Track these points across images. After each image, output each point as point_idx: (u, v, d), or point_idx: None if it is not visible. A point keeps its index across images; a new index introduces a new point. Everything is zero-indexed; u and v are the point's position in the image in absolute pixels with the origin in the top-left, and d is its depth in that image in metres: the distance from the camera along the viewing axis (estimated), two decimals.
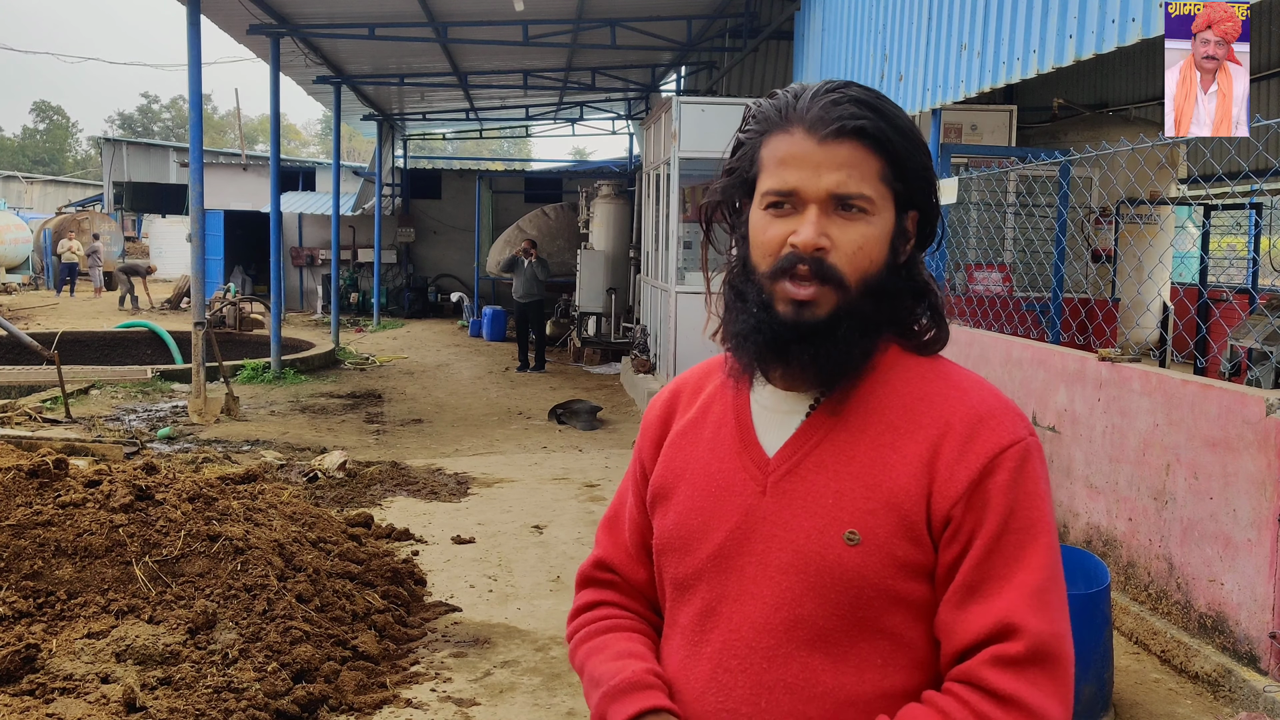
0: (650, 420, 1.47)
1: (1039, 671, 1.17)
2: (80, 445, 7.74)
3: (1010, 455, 1.22)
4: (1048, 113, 12.84)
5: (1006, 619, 1.17)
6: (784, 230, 1.24)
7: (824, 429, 1.28)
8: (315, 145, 78.55)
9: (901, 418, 1.26)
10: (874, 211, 1.24)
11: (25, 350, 10.83)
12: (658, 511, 1.39)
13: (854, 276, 1.23)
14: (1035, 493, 1.22)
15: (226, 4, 11.82)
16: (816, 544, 1.23)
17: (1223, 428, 4.32)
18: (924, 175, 1.29)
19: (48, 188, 49.01)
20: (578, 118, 24.81)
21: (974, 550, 1.20)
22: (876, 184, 1.24)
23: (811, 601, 1.23)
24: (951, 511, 1.21)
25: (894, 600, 1.22)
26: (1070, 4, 5.37)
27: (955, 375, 1.31)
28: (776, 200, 1.25)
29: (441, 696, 4.12)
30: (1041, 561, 1.20)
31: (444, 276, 24.62)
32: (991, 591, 1.19)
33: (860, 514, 1.23)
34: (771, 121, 1.28)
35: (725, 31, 14.95)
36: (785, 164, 1.24)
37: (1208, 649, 4.34)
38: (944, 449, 1.23)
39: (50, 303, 24.41)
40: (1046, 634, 1.17)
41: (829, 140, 1.23)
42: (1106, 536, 5.16)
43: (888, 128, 1.24)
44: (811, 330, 1.23)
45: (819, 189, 1.22)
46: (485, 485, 7.68)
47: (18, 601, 4.01)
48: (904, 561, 1.22)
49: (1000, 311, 7.74)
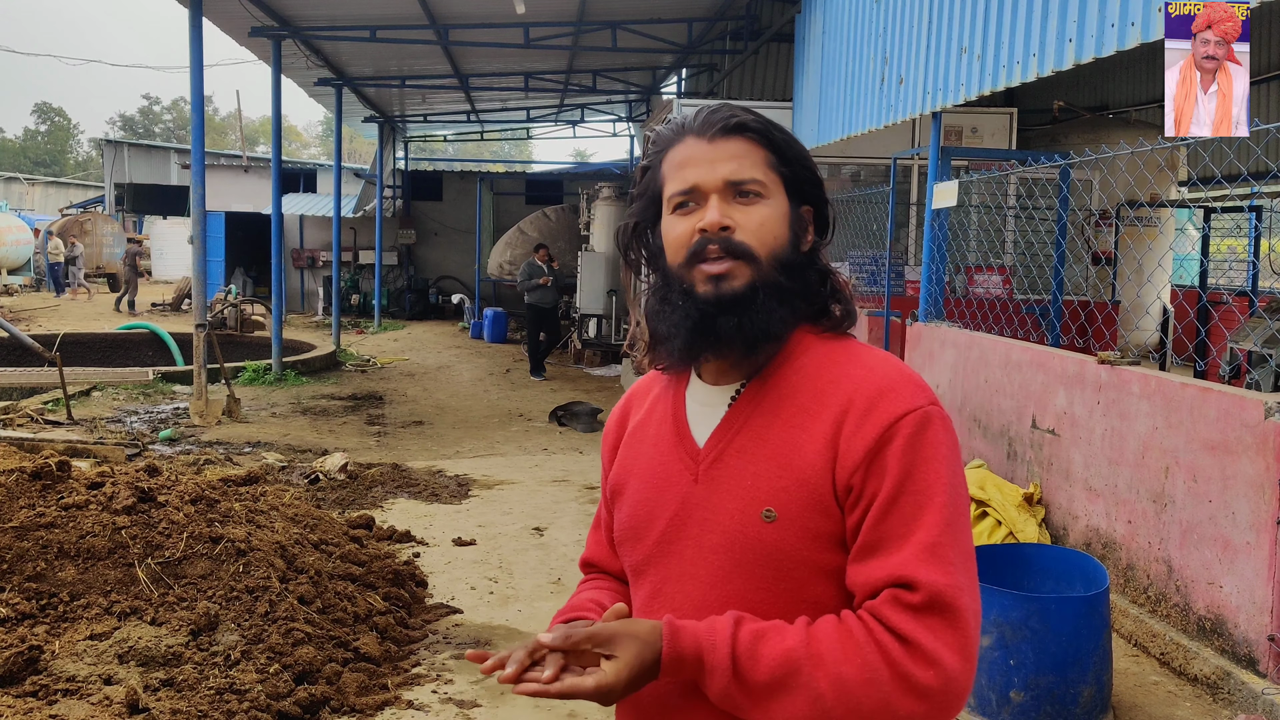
0: (609, 428, 1.61)
1: (937, 619, 1.22)
2: (82, 447, 7.76)
3: (906, 422, 1.28)
4: (1048, 115, 12.85)
5: (902, 572, 1.23)
6: (691, 223, 1.37)
7: (744, 416, 1.38)
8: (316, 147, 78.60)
9: (811, 399, 1.35)
10: (768, 195, 1.37)
11: (27, 352, 10.85)
12: (616, 506, 1.51)
13: (762, 251, 1.35)
14: (933, 457, 1.28)
15: (228, 6, 11.84)
16: (739, 523, 1.33)
17: (1222, 431, 4.33)
18: (805, 163, 1.42)
19: (49, 189, 49.03)
20: (579, 120, 24.81)
21: (872, 512, 1.27)
22: (766, 170, 1.38)
23: (739, 578, 1.33)
24: (852, 480, 1.28)
25: (814, 571, 1.31)
26: (1070, 8, 5.39)
27: (863, 354, 1.39)
28: (682, 200, 1.38)
29: (443, 698, 4.14)
30: (937, 520, 1.25)
31: (445, 278, 24.64)
32: (890, 549, 1.25)
33: (775, 492, 1.31)
34: (668, 140, 1.44)
35: (726, 34, 14.97)
36: (684, 166, 1.39)
37: (1207, 651, 4.35)
38: (846, 422, 1.30)
39: (51, 304, 24.44)
40: (942, 584, 1.22)
41: (718, 138, 1.38)
42: (1106, 539, 5.17)
43: (766, 123, 1.40)
44: (733, 301, 1.33)
45: (715, 179, 1.36)
46: (486, 487, 7.69)
47: (21, 603, 4.02)
48: (817, 533, 1.30)
49: (1000, 314, 7.75)
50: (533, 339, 14.26)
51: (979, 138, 10.25)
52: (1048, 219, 9.05)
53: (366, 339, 18.64)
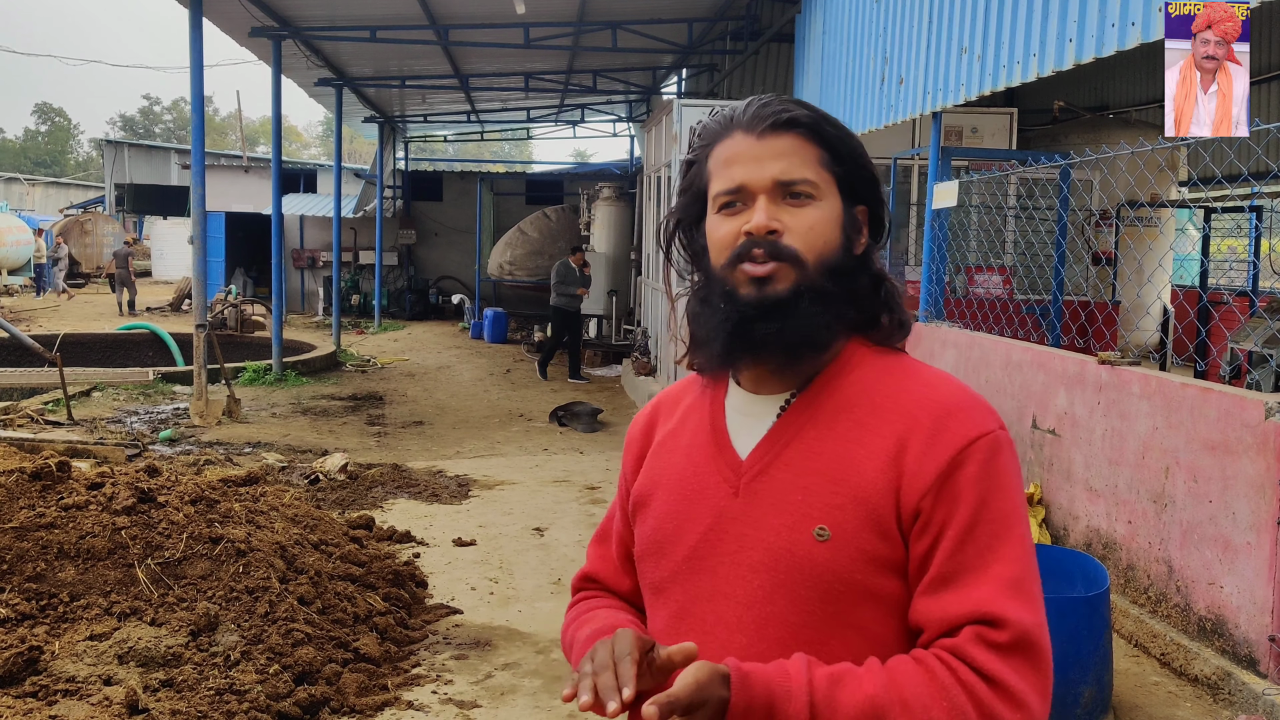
0: (633, 436, 1.52)
1: (1022, 660, 1.17)
2: (82, 447, 7.76)
3: (979, 447, 1.23)
4: (1048, 115, 12.84)
5: (987, 608, 1.17)
6: (737, 224, 1.29)
7: (794, 428, 1.30)
8: (316, 147, 78.61)
9: (868, 414, 1.28)
10: (820, 196, 1.29)
11: (27, 352, 10.85)
12: (638, 519, 1.42)
13: (810, 255, 1.27)
14: (1007, 485, 1.23)
15: (228, 7, 11.85)
16: (786, 541, 1.25)
17: (1222, 431, 4.33)
18: (860, 160, 1.34)
19: (49, 189, 49.05)
20: (579, 120, 24.83)
21: (946, 541, 1.21)
22: (818, 169, 1.30)
23: (782, 599, 1.25)
24: (920, 504, 1.22)
25: (864, 595, 1.23)
26: (1070, 8, 5.39)
27: (923, 372, 1.32)
28: (728, 200, 1.31)
29: (443, 699, 4.14)
30: (1017, 553, 1.21)
31: (445, 278, 24.64)
32: (968, 581, 1.19)
33: (828, 509, 1.24)
34: (715, 134, 1.35)
35: (726, 34, 14.97)
36: (731, 163, 1.31)
37: (1207, 652, 4.35)
38: (911, 442, 1.24)
39: (52, 305, 24.44)
40: (1029, 623, 1.18)
41: (767, 134, 1.30)
42: (1106, 539, 5.17)
43: (819, 118, 1.32)
44: (775, 305, 1.26)
45: (764, 178, 1.28)
46: (486, 487, 7.69)
47: (20, 603, 4.02)
48: (872, 556, 1.23)
49: (1000, 314, 7.75)
50: (556, 341, 13.97)
51: (979, 138, 10.24)
52: (1048, 219, 9.05)
53: (367, 339, 18.63)
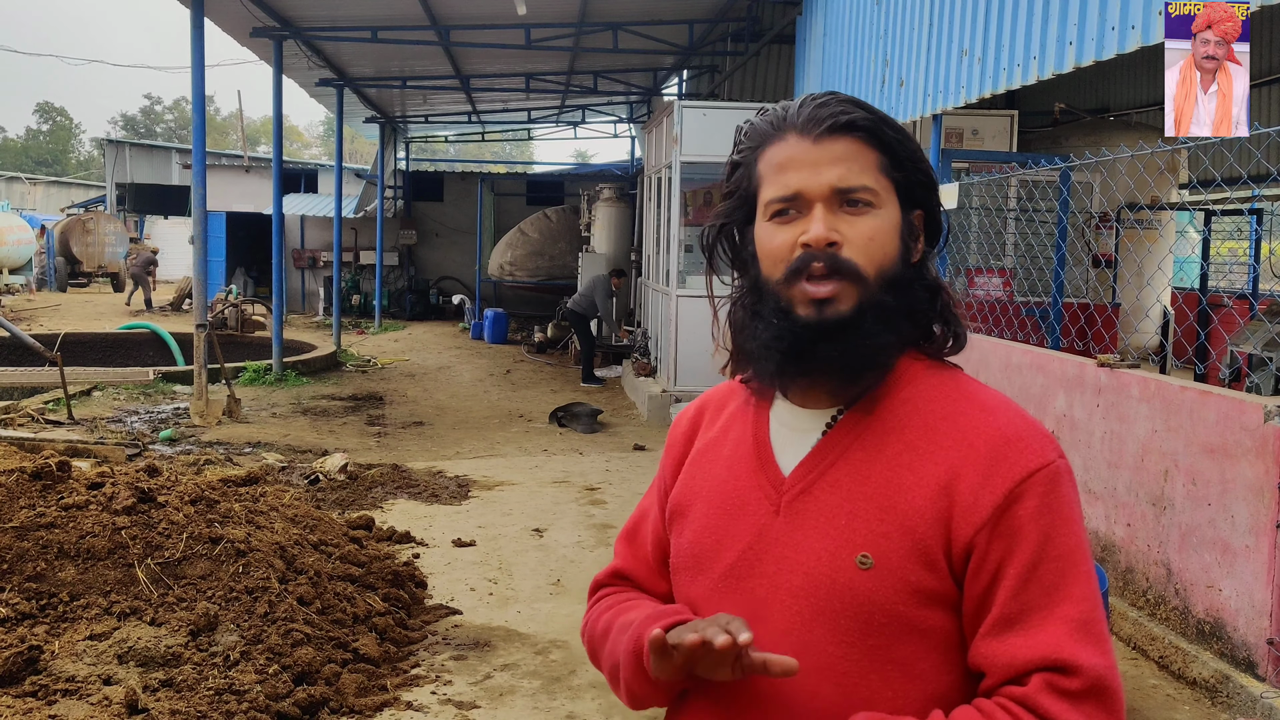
0: (675, 437, 1.45)
1: (1095, 706, 1.12)
2: (83, 447, 7.76)
3: (1039, 479, 1.17)
4: (1049, 118, 12.85)
5: (1057, 654, 1.12)
6: (793, 234, 1.22)
7: (840, 447, 1.24)
8: (317, 147, 78.62)
9: (921, 437, 1.21)
10: (879, 204, 1.23)
11: (28, 351, 10.85)
12: (674, 529, 1.36)
13: (870, 269, 1.21)
14: (1069, 518, 1.17)
15: (230, 7, 11.85)
16: (828, 567, 1.19)
17: (1221, 434, 4.33)
18: (920, 165, 1.28)
19: (50, 189, 49.05)
20: (580, 121, 24.84)
21: (1008, 580, 1.15)
22: (877, 175, 1.23)
23: (821, 627, 1.19)
24: (975, 539, 1.15)
25: (906, 628, 1.17)
26: (1070, 11, 5.39)
27: (980, 394, 1.26)
28: (781, 207, 1.23)
29: (442, 699, 4.14)
30: (1084, 591, 1.15)
31: (446, 279, 24.65)
32: (1035, 623, 1.14)
33: (873, 536, 1.18)
34: (765, 135, 1.28)
35: (727, 35, 14.97)
36: (784, 169, 1.23)
37: (1206, 655, 4.35)
38: (965, 472, 1.17)
39: (53, 304, 24.45)
40: (1102, 667, 1.13)
41: (824, 138, 1.23)
42: (1105, 542, 5.18)
43: (878, 119, 1.25)
44: (837, 327, 1.19)
45: (821, 185, 1.21)
46: (486, 488, 7.69)
47: (20, 603, 4.03)
48: (917, 587, 1.17)
49: (1000, 316, 7.75)
50: (589, 347, 13.77)
51: (980, 140, 10.25)
52: (1048, 221, 9.05)
53: (367, 339, 18.64)
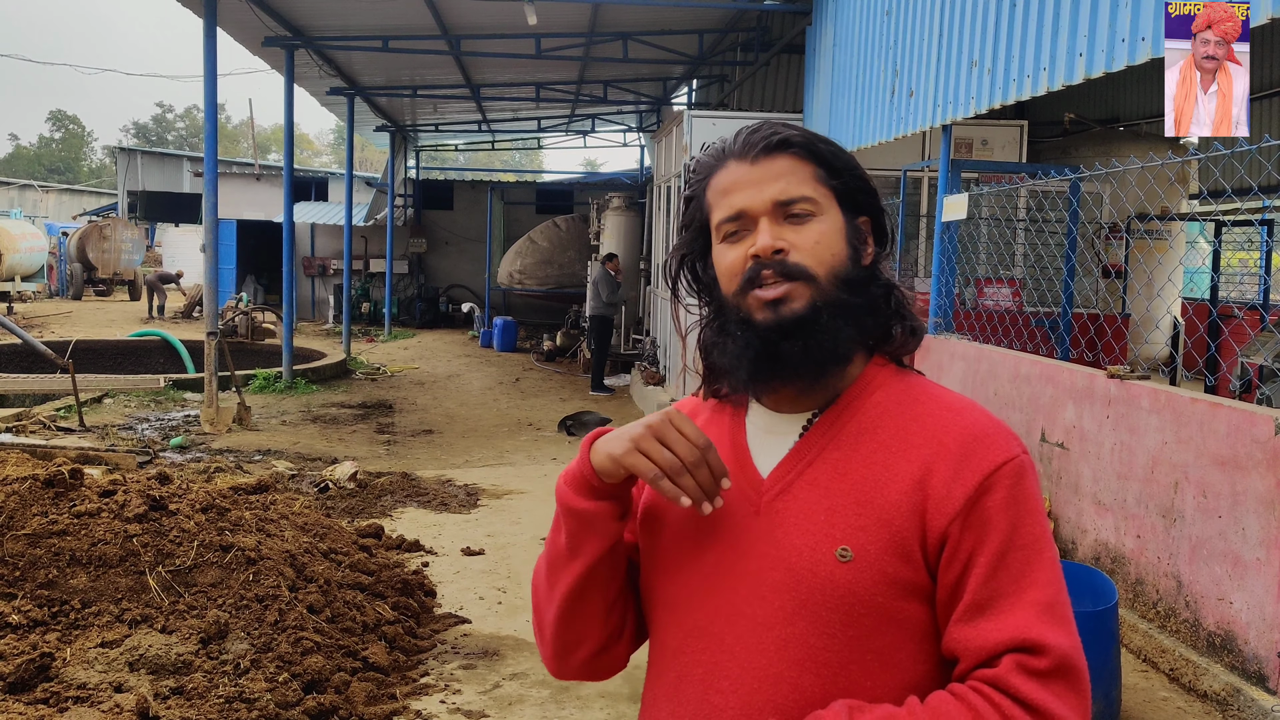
0: None
1: (1064, 685, 1.18)
2: (94, 454, 7.80)
3: (1006, 472, 1.23)
4: (1059, 128, 12.84)
5: (1025, 634, 1.18)
6: (743, 249, 1.30)
7: (817, 448, 1.31)
8: (328, 155, 78.89)
9: (894, 436, 1.28)
10: (820, 211, 1.31)
11: (40, 358, 10.91)
12: (648, 529, 1.40)
13: (820, 269, 1.28)
14: (1034, 509, 1.24)
15: (242, 16, 11.93)
16: (808, 561, 1.24)
17: (1232, 446, 4.32)
18: (856, 173, 1.35)
19: (63, 196, 49.33)
20: (589, 130, 24.91)
21: (978, 568, 1.21)
22: (815, 185, 1.31)
23: (803, 620, 1.24)
24: (949, 529, 1.22)
25: (884, 619, 1.23)
26: (1080, 23, 5.40)
27: (946, 396, 1.33)
28: (731, 229, 1.32)
29: (451, 708, 4.15)
30: (1049, 577, 1.21)
31: (455, 287, 24.72)
32: (1005, 608, 1.20)
33: (851, 530, 1.24)
34: (710, 167, 1.37)
35: (737, 45, 15.01)
36: (729, 191, 1.32)
37: (1216, 668, 4.34)
38: (937, 467, 1.24)
39: (65, 311, 24.57)
40: (1067, 647, 1.19)
41: (761, 158, 1.32)
42: (1114, 554, 5.16)
43: (810, 136, 1.34)
44: (795, 325, 1.27)
45: (764, 200, 1.30)
46: (495, 496, 7.70)
47: (33, 610, 4.05)
48: (895, 579, 1.23)
49: (1010, 327, 7.75)
50: (602, 354, 13.77)
51: (989, 150, 10.25)
52: (1058, 232, 9.05)
53: (377, 347, 18.70)
